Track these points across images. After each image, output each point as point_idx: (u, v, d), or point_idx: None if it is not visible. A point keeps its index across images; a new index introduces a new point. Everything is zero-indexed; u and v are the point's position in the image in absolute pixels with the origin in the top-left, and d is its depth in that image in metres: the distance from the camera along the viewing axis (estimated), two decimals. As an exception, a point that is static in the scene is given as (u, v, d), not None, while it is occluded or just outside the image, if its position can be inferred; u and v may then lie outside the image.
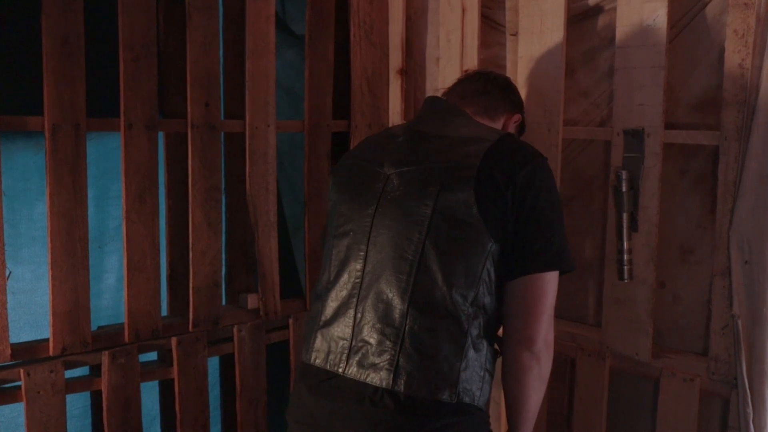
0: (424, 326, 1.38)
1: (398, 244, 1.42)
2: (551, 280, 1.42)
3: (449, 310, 1.38)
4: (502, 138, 1.48)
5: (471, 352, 1.39)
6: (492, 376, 1.46)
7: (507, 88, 1.75)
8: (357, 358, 1.42)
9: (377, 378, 1.38)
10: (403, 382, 1.36)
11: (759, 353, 1.62)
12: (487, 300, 1.41)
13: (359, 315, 1.44)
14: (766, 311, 1.61)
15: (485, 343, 1.43)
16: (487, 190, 1.39)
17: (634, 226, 1.82)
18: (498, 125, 1.70)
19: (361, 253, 1.47)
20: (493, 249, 1.39)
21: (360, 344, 1.42)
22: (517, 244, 1.41)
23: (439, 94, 1.78)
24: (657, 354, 1.83)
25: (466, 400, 1.39)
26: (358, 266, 1.47)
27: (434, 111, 1.60)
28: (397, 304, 1.40)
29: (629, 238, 1.82)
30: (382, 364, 1.38)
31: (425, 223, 1.40)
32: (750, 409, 1.63)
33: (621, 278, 1.83)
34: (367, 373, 1.40)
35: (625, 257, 1.82)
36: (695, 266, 1.82)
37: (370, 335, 1.41)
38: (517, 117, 1.73)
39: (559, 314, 2.06)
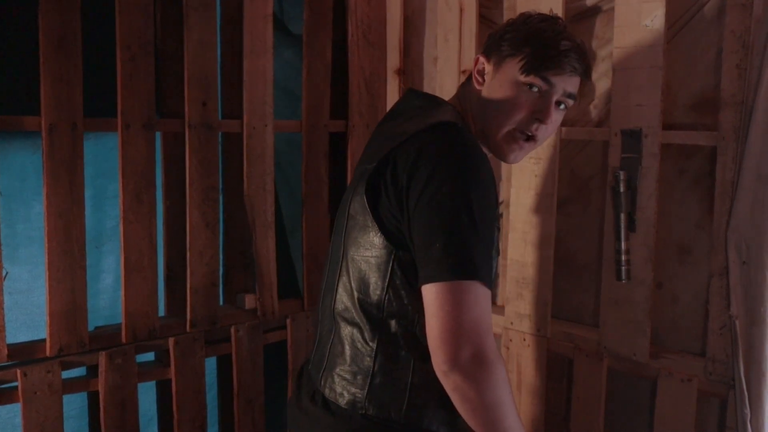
0: (342, 333, 1.36)
1: (336, 248, 1.42)
2: (464, 290, 1.17)
3: (360, 317, 1.32)
4: (425, 129, 1.28)
5: (386, 364, 1.29)
6: (423, 389, 1.30)
7: (496, 32, 1.46)
8: (314, 358, 1.46)
9: (317, 377, 1.41)
10: (328, 388, 1.37)
11: (756, 354, 1.62)
12: (402, 308, 1.29)
13: (324, 314, 1.47)
14: (763, 312, 1.61)
15: (405, 355, 1.30)
16: (382, 189, 1.28)
17: (631, 226, 1.82)
18: (469, 83, 1.47)
19: (330, 256, 1.48)
20: (398, 254, 1.27)
21: (322, 343, 1.46)
22: (414, 247, 1.24)
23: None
24: (655, 354, 1.83)
25: (389, 414, 1.29)
26: (327, 269, 1.49)
27: (403, 104, 1.49)
28: (330, 310, 1.41)
29: (627, 239, 1.82)
30: (319, 366, 1.42)
31: (344, 228, 1.37)
32: (747, 410, 1.63)
33: (619, 278, 1.83)
34: (316, 370, 1.43)
35: (623, 257, 1.82)
36: (693, 266, 1.82)
37: (322, 338, 1.44)
38: (476, 59, 1.45)
39: (557, 314, 2.07)
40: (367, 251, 1.31)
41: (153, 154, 1.96)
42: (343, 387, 1.35)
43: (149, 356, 2.11)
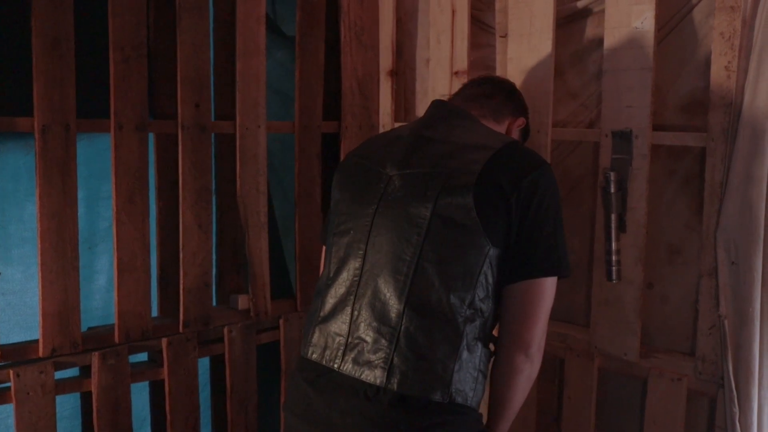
0: (419, 327, 1.39)
1: (397, 245, 1.44)
2: (551, 285, 1.45)
3: (445, 312, 1.39)
4: (507, 145, 1.49)
5: (465, 354, 1.40)
6: (485, 376, 1.47)
7: (512, 92, 1.76)
8: (352, 355, 1.44)
9: (372, 375, 1.40)
10: (396, 380, 1.38)
11: (745, 353, 1.63)
12: (484, 303, 1.42)
13: (356, 312, 1.46)
14: (752, 311, 1.62)
15: (480, 345, 1.44)
16: (489, 195, 1.40)
17: (622, 226, 1.83)
18: (502, 128, 1.70)
19: (360, 252, 1.48)
20: (492, 253, 1.40)
21: (356, 341, 1.44)
22: (520, 248, 1.42)
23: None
24: (645, 354, 1.84)
25: (459, 400, 1.40)
26: (357, 264, 1.48)
27: (441, 116, 1.60)
28: (394, 304, 1.41)
29: (617, 239, 1.83)
30: (377, 362, 1.40)
31: (424, 226, 1.42)
32: (736, 409, 1.64)
33: (609, 279, 1.84)
34: (362, 370, 1.42)
35: (614, 258, 1.83)
36: (683, 267, 1.84)
37: (366, 333, 1.43)
38: (521, 121, 1.74)
39: (548, 314, 2.08)
40: (459, 249, 1.40)
41: (146, 155, 1.96)
42: (423, 380, 1.37)
43: (142, 357, 2.12)
